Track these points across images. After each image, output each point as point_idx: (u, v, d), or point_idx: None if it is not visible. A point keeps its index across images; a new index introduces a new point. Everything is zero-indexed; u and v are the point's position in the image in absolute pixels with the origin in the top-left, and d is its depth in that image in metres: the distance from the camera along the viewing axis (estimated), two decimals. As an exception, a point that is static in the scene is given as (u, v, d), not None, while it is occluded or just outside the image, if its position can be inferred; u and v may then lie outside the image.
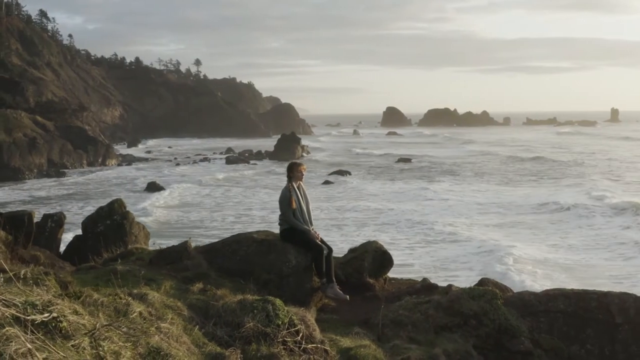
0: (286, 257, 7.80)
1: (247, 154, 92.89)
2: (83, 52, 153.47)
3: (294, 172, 9.09)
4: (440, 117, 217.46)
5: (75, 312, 3.52)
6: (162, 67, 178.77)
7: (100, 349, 3.24)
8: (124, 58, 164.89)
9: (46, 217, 18.05)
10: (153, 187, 54.63)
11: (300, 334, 4.96)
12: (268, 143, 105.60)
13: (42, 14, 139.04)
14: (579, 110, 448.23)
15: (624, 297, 8.60)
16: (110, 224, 16.86)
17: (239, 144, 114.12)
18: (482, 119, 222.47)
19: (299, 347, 4.86)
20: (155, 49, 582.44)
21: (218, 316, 5.03)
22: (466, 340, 7.54)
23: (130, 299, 4.47)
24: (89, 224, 17.18)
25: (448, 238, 29.86)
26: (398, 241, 29.09)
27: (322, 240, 8.60)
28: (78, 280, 6.08)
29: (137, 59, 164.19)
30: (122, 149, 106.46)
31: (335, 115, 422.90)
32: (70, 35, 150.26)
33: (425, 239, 29.84)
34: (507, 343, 7.77)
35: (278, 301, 5.14)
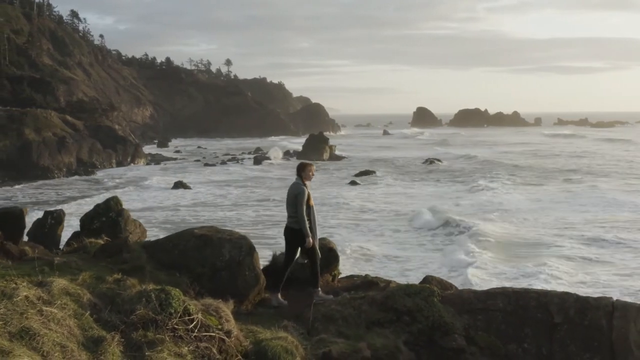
0: (220, 252, 8.16)
1: (275, 154, 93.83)
2: (114, 52, 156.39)
3: (305, 172, 9.27)
4: (470, 117, 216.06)
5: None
6: (193, 67, 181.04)
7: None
8: (154, 58, 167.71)
9: (47, 214, 18.78)
10: (179, 186, 55.77)
11: (195, 322, 5.31)
12: (297, 143, 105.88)
13: (73, 14, 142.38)
14: (612, 111, 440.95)
15: (565, 296, 8.72)
16: (106, 221, 17.38)
17: (268, 144, 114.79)
18: (513, 119, 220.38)
19: (190, 335, 5.21)
20: (186, 49, 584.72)
21: (119, 304, 5.42)
22: (398, 336, 7.77)
23: (23, 284, 4.88)
24: (86, 220, 17.80)
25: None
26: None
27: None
28: (15, 269, 6.51)
29: (167, 59, 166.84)
30: (152, 148, 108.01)
31: (366, 115, 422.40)
32: (101, 36, 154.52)
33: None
34: (440, 340, 7.98)
35: (175, 291, 5.49)
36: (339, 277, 9.81)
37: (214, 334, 5.36)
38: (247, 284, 8.16)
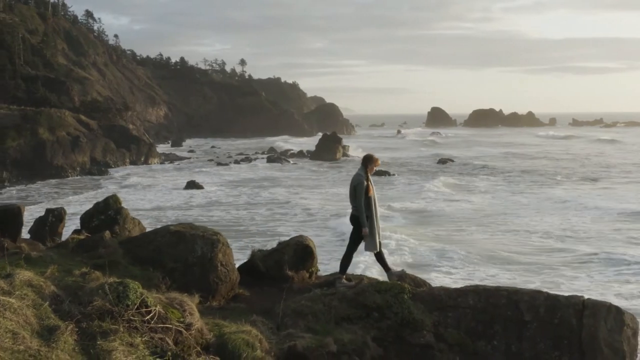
0: (193, 248, 8.42)
1: (289, 154, 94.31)
2: (129, 52, 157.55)
3: (371, 165, 9.61)
4: (484, 118, 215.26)
5: None
6: (207, 67, 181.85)
7: None
8: (169, 58, 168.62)
9: (48, 211, 19.15)
10: (192, 186, 56.10)
11: (151, 314, 5.56)
12: (311, 143, 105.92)
13: (88, 14, 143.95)
14: (628, 112, 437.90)
15: (535, 294, 8.85)
16: (105, 219, 17.72)
17: (282, 144, 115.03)
18: (527, 120, 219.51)
19: (146, 326, 5.45)
20: (201, 49, 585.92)
21: (79, 296, 5.68)
22: (366, 331, 7.95)
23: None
24: (86, 218, 18.16)
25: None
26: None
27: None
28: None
29: (182, 58, 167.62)
30: (166, 148, 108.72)
31: (381, 116, 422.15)
32: (116, 36, 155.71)
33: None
34: (408, 336, 8.14)
35: (133, 284, 5.73)
36: (317, 274, 10.03)
37: (170, 326, 5.59)
38: (219, 279, 8.41)
